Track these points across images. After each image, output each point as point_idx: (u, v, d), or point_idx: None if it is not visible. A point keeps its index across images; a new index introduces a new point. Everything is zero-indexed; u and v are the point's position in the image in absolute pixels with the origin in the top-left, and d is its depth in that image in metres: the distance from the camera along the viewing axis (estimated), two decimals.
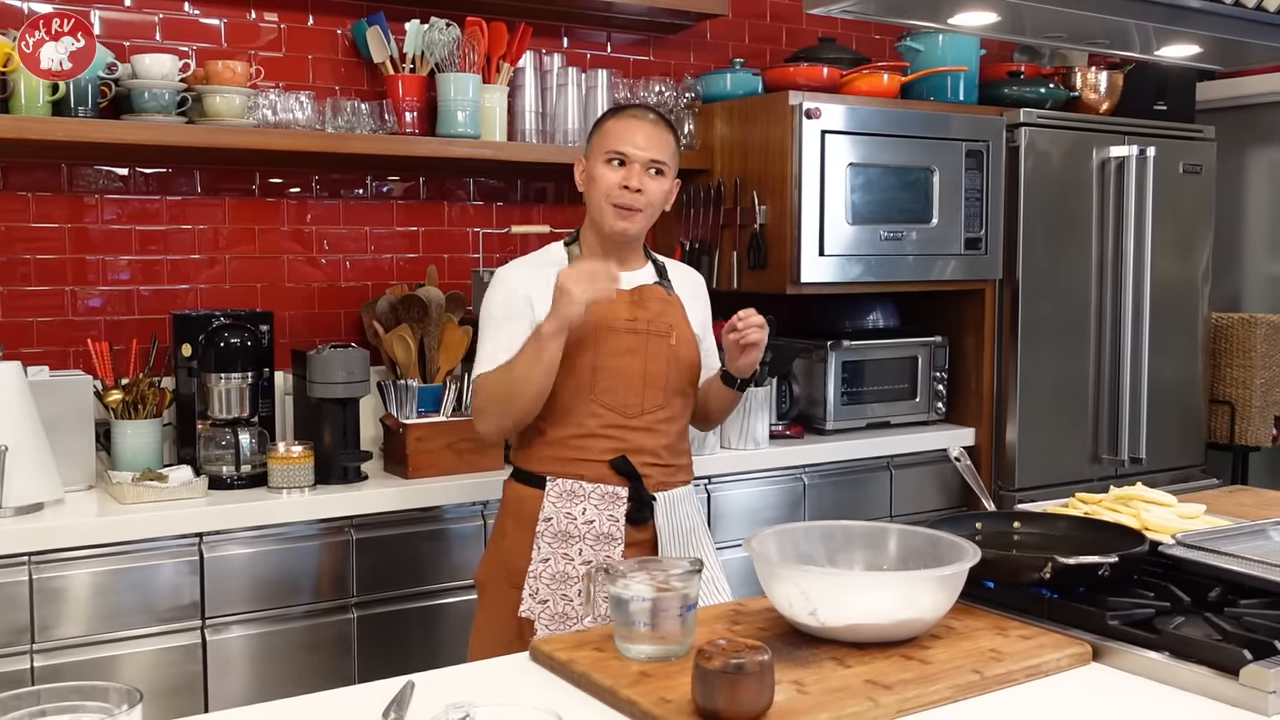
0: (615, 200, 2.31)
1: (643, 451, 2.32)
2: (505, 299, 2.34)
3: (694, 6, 3.60)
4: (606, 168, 2.32)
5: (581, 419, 2.30)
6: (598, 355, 2.30)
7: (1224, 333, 4.19)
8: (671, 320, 2.39)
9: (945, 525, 1.90)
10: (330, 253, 3.38)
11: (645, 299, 2.38)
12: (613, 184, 2.31)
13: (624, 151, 2.31)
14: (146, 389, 2.86)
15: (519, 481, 2.38)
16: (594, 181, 2.34)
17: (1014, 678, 1.54)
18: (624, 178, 2.30)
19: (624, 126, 2.34)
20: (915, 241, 3.54)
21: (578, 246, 2.41)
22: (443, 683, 1.55)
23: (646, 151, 2.31)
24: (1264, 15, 2.13)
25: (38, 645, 2.42)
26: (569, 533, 2.28)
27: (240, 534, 2.62)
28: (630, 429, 2.31)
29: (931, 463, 3.63)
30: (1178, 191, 3.98)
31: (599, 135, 2.37)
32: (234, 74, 3.00)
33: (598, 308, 2.24)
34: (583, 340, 2.28)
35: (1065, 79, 3.95)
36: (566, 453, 2.31)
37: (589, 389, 2.30)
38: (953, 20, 2.19)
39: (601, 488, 2.30)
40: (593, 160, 2.36)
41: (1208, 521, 2.09)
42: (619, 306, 2.31)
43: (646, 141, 2.32)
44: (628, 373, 2.31)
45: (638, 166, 2.31)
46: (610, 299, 2.19)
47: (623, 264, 2.35)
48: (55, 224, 3.04)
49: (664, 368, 2.35)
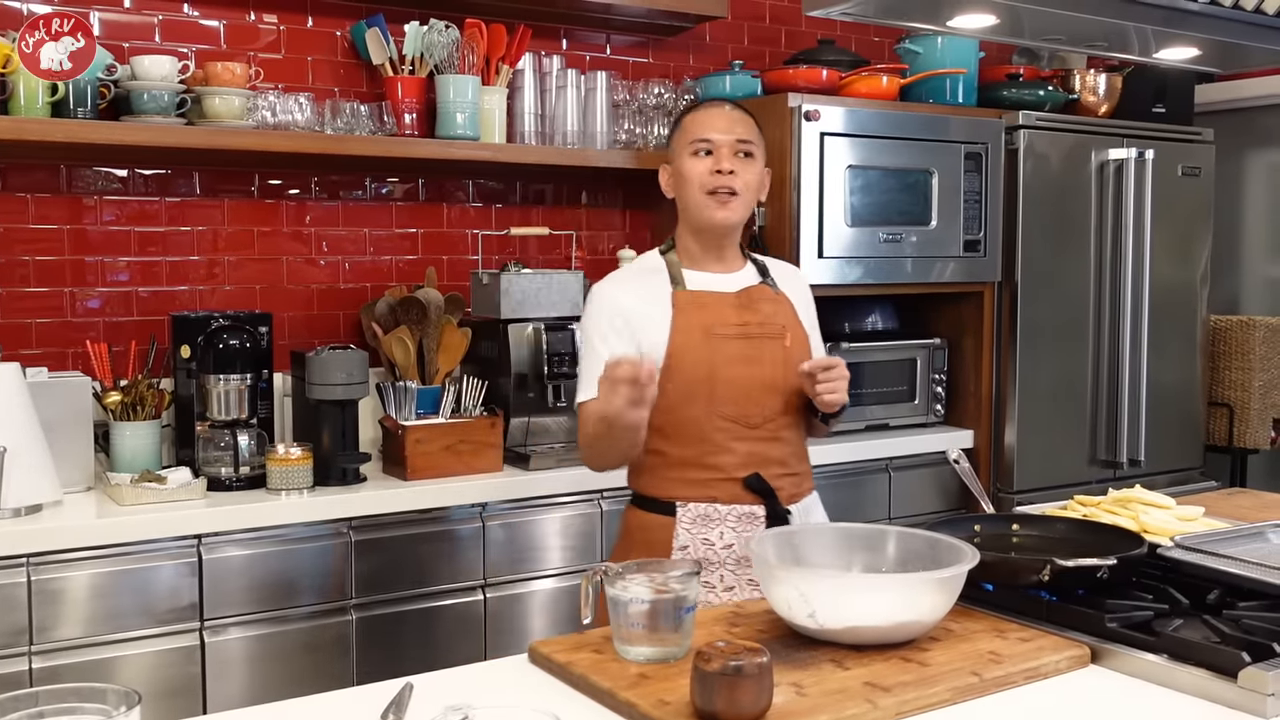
0: (709, 187, 2.19)
1: (771, 462, 2.20)
2: (607, 317, 2.21)
3: (693, 8, 3.60)
4: (694, 160, 2.21)
5: (706, 435, 2.16)
6: (713, 365, 2.17)
7: (1222, 335, 4.20)
8: (783, 321, 2.26)
9: (944, 527, 1.90)
10: (329, 254, 3.38)
11: (754, 300, 2.25)
12: (703, 172, 2.20)
13: (709, 138, 2.20)
14: (145, 390, 2.86)
15: (643, 509, 2.24)
16: (683, 179, 2.23)
17: (1013, 680, 1.53)
18: (714, 164, 2.19)
19: (703, 116, 2.24)
20: (914, 244, 3.54)
21: (674, 253, 2.29)
22: (441, 684, 1.55)
23: (731, 134, 2.20)
24: (1263, 18, 2.13)
25: (36, 647, 2.42)
26: (708, 559, 2.15)
27: (239, 535, 2.62)
28: (756, 439, 2.18)
29: (930, 465, 3.63)
30: (1176, 194, 3.98)
31: (679, 133, 2.26)
32: (233, 75, 3.00)
33: (705, 314, 2.17)
34: (695, 351, 2.17)
35: (1064, 81, 3.96)
36: (694, 474, 2.17)
37: (708, 402, 2.16)
38: (952, 22, 2.19)
39: (737, 509, 2.17)
40: (678, 158, 2.25)
41: (1206, 524, 2.09)
42: (727, 311, 2.21)
43: (729, 124, 2.21)
44: (745, 381, 2.17)
45: (725, 150, 2.19)
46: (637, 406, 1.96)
47: (724, 266, 2.27)
48: (54, 225, 3.04)
49: (781, 371, 2.21)
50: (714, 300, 2.23)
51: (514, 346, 3.14)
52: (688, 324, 2.19)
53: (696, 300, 2.22)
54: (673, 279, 2.24)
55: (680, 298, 2.22)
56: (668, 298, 2.21)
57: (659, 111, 3.58)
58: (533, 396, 3.16)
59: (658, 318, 2.19)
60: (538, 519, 2.98)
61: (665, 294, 2.22)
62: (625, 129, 3.55)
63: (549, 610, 2.99)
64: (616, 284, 2.29)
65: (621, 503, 3.04)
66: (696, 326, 2.18)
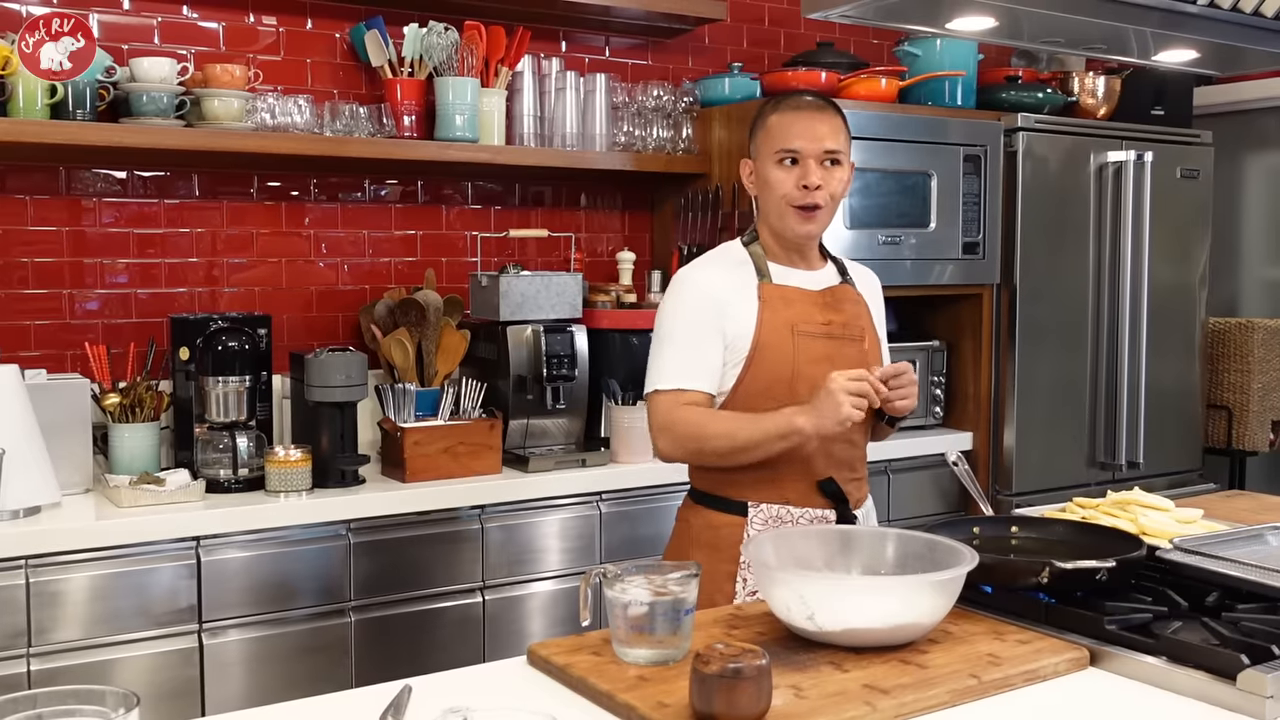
0: (795, 201, 2.15)
1: (843, 466, 2.18)
2: (696, 303, 2.15)
3: (692, 11, 3.60)
4: (779, 169, 2.15)
5: None
6: (795, 363, 2.13)
7: (1221, 337, 4.20)
8: (864, 324, 2.25)
9: (943, 529, 1.89)
10: (328, 256, 3.38)
11: (839, 301, 2.23)
12: (788, 183, 2.15)
13: (795, 149, 2.14)
14: (144, 392, 2.86)
15: (710, 507, 2.19)
16: (768, 186, 2.18)
17: (1011, 682, 1.53)
18: (800, 177, 2.13)
19: (790, 120, 2.16)
20: (913, 246, 3.54)
21: (758, 245, 2.23)
22: (440, 687, 1.55)
23: (819, 143, 2.14)
24: (1261, 20, 2.13)
25: (34, 649, 2.42)
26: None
27: (238, 537, 2.62)
28: (831, 442, 2.14)
29: (929, 467, 3.63)
30: (1175, 196, 3.99)
31: (764, 133, 2.19)
32: (232, 77, 3.00)
33: (792, 311, 2.15)
34: (779, 347, 2.13)
35: (1063, 84, 3.96)
36: (768, 473, 2.13)
37: (789, 397, 2.11)
38: (951, 25, 2.19)
39: (810, 512, 2.15)
40: (762, 162, 2.19)
41: (1205, 526, 2.09)
42: (812, 309, 2.18)
43: (816, 133, 2.14)
44: (824, 381, 2.08)
45: (812, 162, 2.14)
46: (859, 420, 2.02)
47: (807, 264, 2.24)
48: (53, 227, 3.04)
49: None
50: (799, 297, 2.20)
51: (513, 348, 3.14)
52: (774, 319, 2.15)
53: (783, 295, 2.18)
54: (758, 271, 2.20)
55: (767, 291, 2.18)
56: (754, 289, 2.17)
57: (658, 114, 3.58)
58: (531, 398, 3.16)
59: (745, 308, 2.15)
60: (536, 521, 2.98)
61: (752, 285, 2.18)
62: (624, 131, 3.55)
63: (548, 612, 2.99)
64: (706, 269, 2.22)
65: (621, 504, 3.07)
66: (783, 322, 2.14)
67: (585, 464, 3.09)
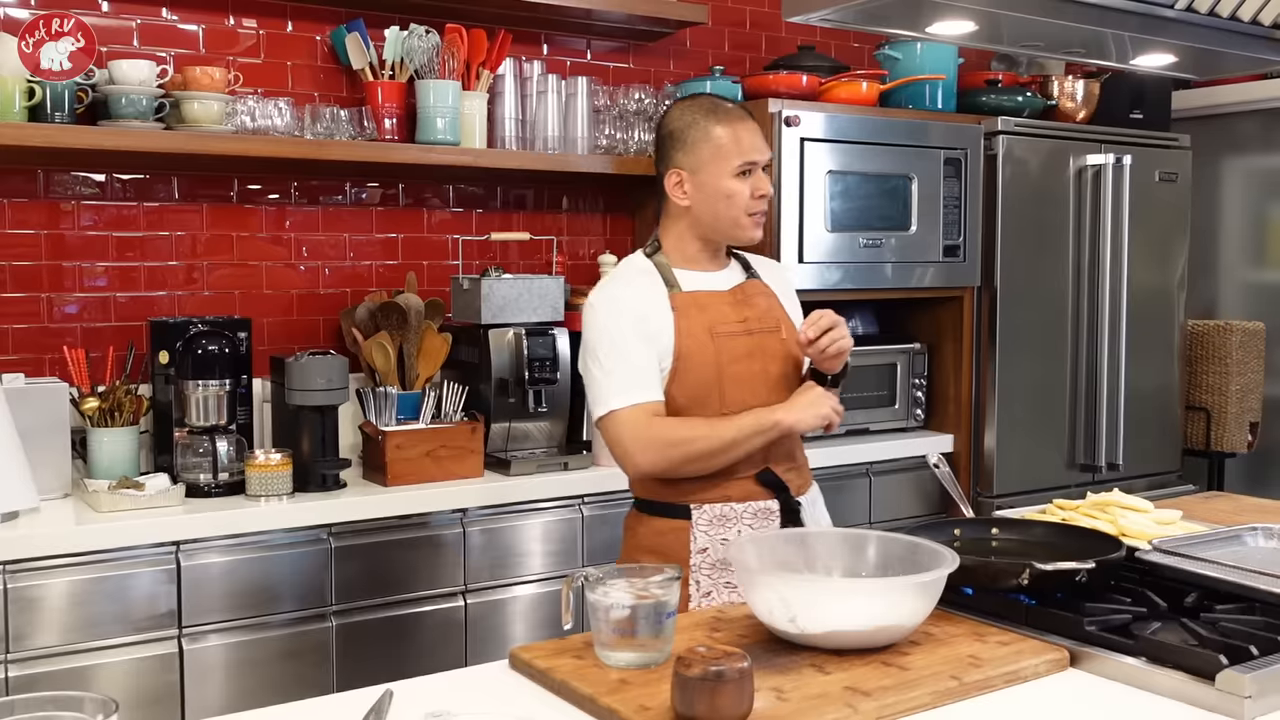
0: (752, 210, 2.20)
1: (780, 456, 2.21)
2: (620, 320, 2.16)
3: (674, 14, 3.60)
4: (737, 181, 2.19)
5: None
6: (719, 364, 2.17)
7: (1200, 339, 4.22)
8: (778, 315, 2.29)
9: (924, 532, 1.90)
10: (309, 259, 3.37)
11: (749, 296, 2.27)
12: (746, 194, 2.20)
13: (755, 160, 2.20)
14: (123, 396, 2.84)
15: (653, 514, 2.22)
16: (726, 198, 2.19)
17: (992, 684, 1.54)
18: (755, 187, 2.20)
19: (738, 132, 2.20)
20: (894, 249, 3.55)
21: (662, 254, 2.26)
22: (422, 691, 1.55)
23: (766, 153, 2.23)
24: (1239, 25, 2.16)
25: (12, 655, 2.40)
26: (728, 560, 2.07)
27: (218, 542, 2.61)
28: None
29: (910, 469, 3.65)
30: (1154, 199, 4.01)
31: (710, 146, 2.19)
32: (212, 80, 2.99)
33: (707, 315, 2.18)
34: (701, 352, 2.16)
35: (1042, 87, 3.98)
36: (708, 475, 2.16)
37: (719, 401, 2.16)
38: (931, 29, 2.20)
39: (753, 505, 2.19)
40: (712, 174, 2.20)
41: (1184, 527, 2.10)
42: (726, 309, 2.22)
43: (760, 143, 2.22)
44: (751, 377, 2.19)
45: (760, 170, 2.22)
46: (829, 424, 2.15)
47: (716, 265, 2.29)
48: (31, 230, 3.02)
49: (781, 365, 2.24)
50: (712, 299, 2.23)
51: (494, 352, 3.13)
52: (691, 326, 2.18)
53: (696, 301, 2.21)
54: (666, 281, 2.23)
55: (679, 299, 2.20)
56: (665, 300, 2.20)
57: (639, 117, 3.58)
58: (513, 402, 3.15)
59: (662, 321, 2.17)
60: (518, 524, 2.97)
61: (663, 296, 2.20)
62: (606, 134, 3.54)
63: (530, 616, 2.99)
64: (618, 288, 2.23)
65: (603, 508, 3.07)
66: (700, 328, 2.17)
67: (567, 467, 3.09)
